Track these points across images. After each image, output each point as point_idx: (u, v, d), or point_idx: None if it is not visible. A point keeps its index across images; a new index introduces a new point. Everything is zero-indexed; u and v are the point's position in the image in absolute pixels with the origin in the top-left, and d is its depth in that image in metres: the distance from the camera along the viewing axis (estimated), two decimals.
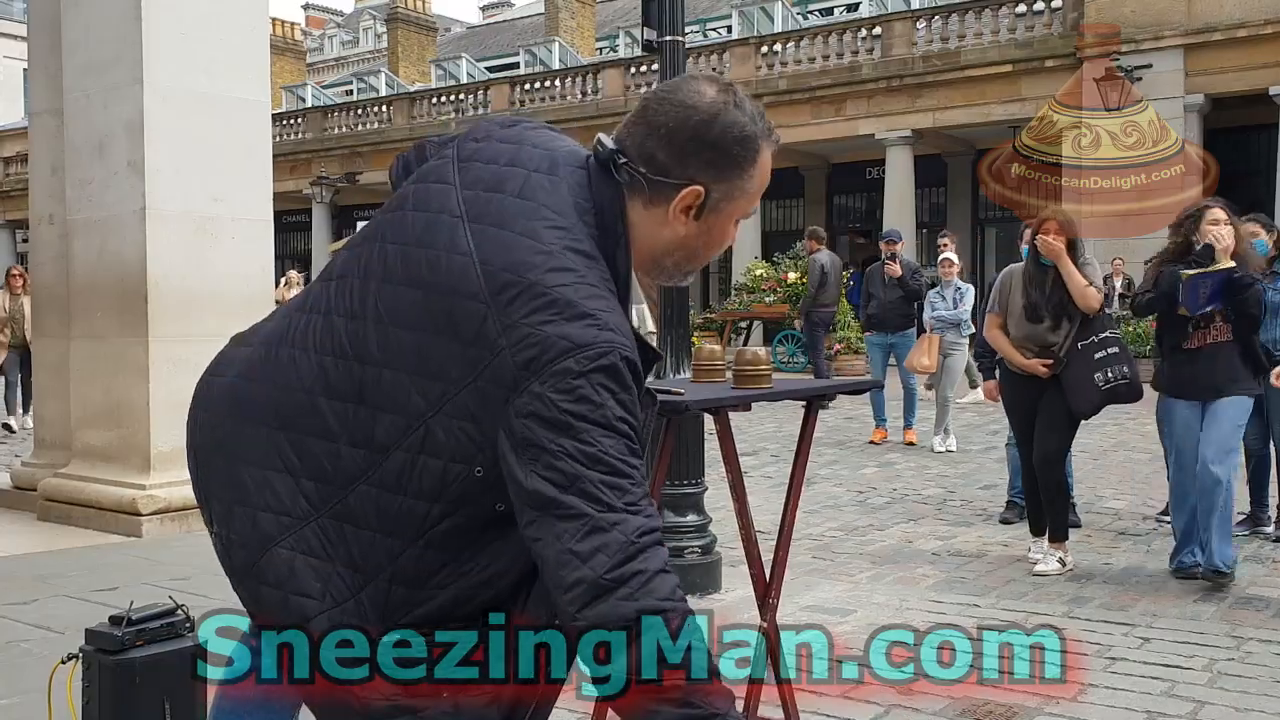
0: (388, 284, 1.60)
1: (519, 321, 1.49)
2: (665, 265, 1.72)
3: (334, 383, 1.59)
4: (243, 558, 1.62)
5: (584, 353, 1.47)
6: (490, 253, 1.55)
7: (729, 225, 1.71)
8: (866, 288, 10.70)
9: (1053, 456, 5.49)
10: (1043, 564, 5.46)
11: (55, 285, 6.86)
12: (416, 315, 1.55)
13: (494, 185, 1.63)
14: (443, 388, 1.52)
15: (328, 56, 55.21)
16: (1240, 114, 19.60)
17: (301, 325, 1.66)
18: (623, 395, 1.49)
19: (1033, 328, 5.49)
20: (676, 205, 1.64)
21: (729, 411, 2.90)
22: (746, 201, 1.69)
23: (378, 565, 1.55)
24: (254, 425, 1.63)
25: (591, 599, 1.41)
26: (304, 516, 1.58)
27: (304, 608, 1.56)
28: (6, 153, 39.11)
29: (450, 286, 1.54)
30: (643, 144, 1.63)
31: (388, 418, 1.55)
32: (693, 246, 1.70)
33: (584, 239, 1.59)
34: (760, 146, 1.66)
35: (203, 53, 6.29)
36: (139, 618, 2.79)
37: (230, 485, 1.64)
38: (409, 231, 1.63)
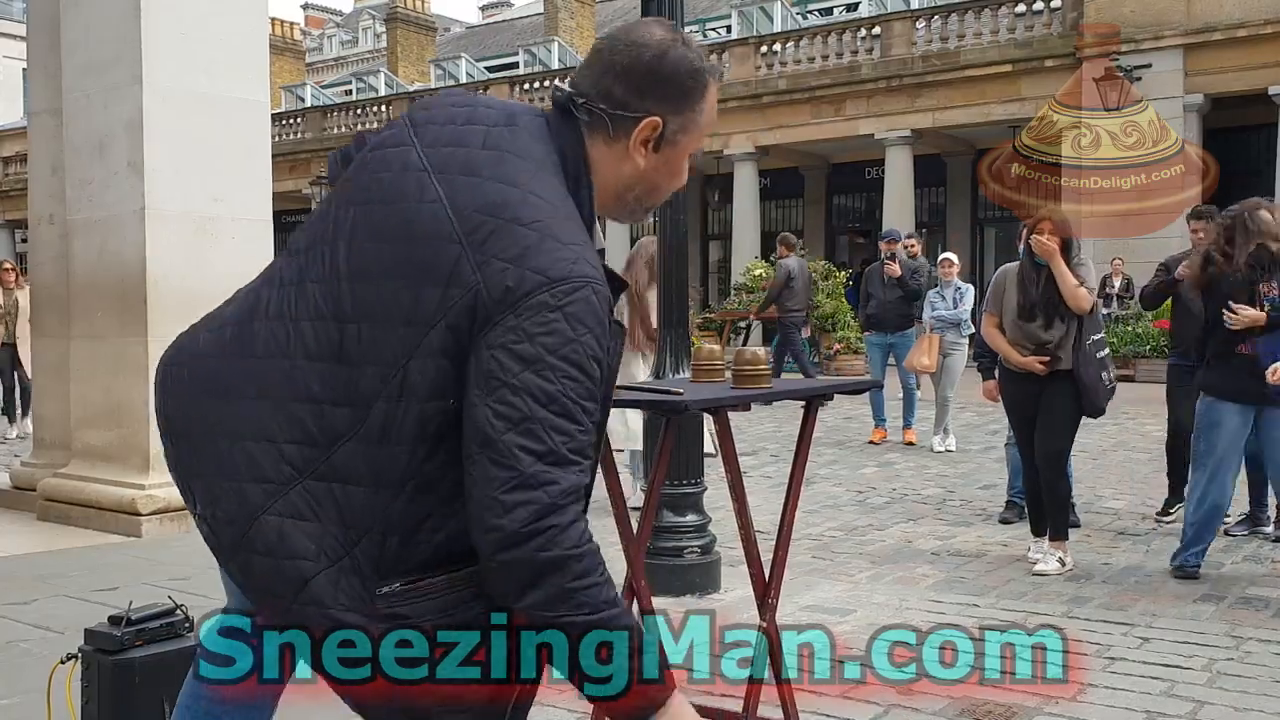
0: (360, 243, 1.63)
1: (493, 258, 1.54)
2: (627, 200, 1.79)
3: (313, 345, 1.61)
4: (230, 533, 1.62)
5: (559, 286, 1.53)
6: (461, 197, 1.60)
7: (684, 159, 1.78)
8: (865, 288, 10.70)
9: (1057, 455, 5.50)
10: (1043, 563, 5.46)
11: (55, 285, 6.86)
12: (391, 266, 1.59)
13: (455, 141, 1.68)
14: (418, 330, 1.55)
15: (327, 56, 55.21)
16: (1240, 114, 19.60)
17: (275, 298, 1.68)
18: (597, 331, 1.55)
19: (1026, 326, 5.49)
20: (636, 138, 1.71)
21: (728, 411, 2.90)
22: (698, 135, 1.77)
23: (369, 519, 1.57)
24: (230, 401, 1.65)
25: (507, 546, 1.48)
26: (288, 481, 1.58)
27: (300, 570, 1.56)
28: (6, 152, 39.09)
29: (423, 233, 1.59)
30: (599, 82, 1.72)
31: (369, 369, 1.57)
32: (653, 180, 1.77)
33: (551, 179, 1.65)
34: (708, 81, 1.75)
35: (202, 53, 6.29)
36: (138, 618, 2.79)
37: (211, 463, 1.64)
38: (374, 193, 1.67)
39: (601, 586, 1.52)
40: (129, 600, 2.92)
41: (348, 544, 1.56)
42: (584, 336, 1.53)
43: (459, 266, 1.55)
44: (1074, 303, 5.36)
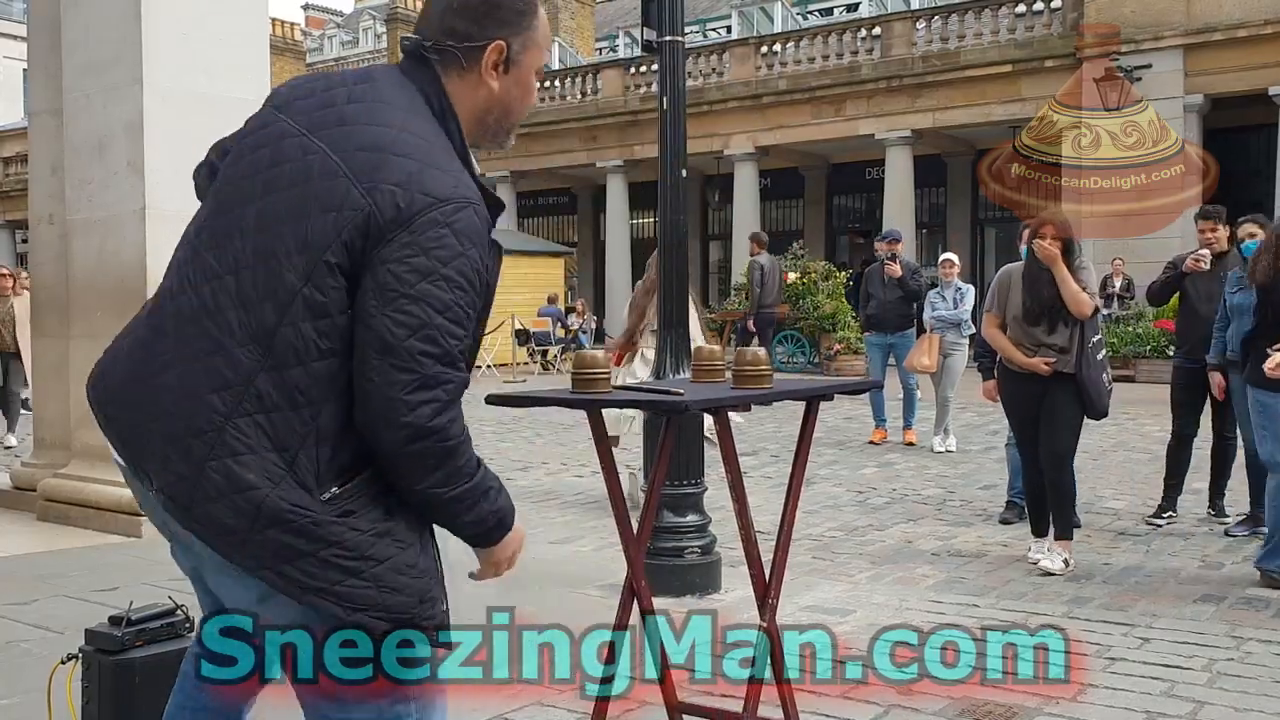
0: (250, 205, 1.78)
1: (380, 184, 1.71)
2: (488, 124, 1.96)
3: (211, 302, 1.75)
4: (185, 490, 1.72)
5: (446, 205, 1.72)
6: (340, 144, 1.77)
7: (531, 75, 1.97)
8: (865, 288, 10.69)
9: (1064, 455, 5.50)
10: (1047, 561, 5.46)
11: (55, 285, 6.86)
12: (283, 212, 1.75)
13: (321, 106, 1.85)
14: (310, 255, 1.71)
15: (327, 57, 55.18)
16: (1240, 114, 19.59)
17: (175, 285, 1.82)
18: (480, 247, 1.75)
19: (1030, 328, 5.49)
20: (486, 63, 1.90)
21: (729, 412, 2.90)
22: (538, 51, 1.96)
23: (297, 439, 1.71)
24: (156, 379, 1.77)
25: (415, 439, 1.68)
26: (219, 427, 1.70)
27: (253, 499, 1.68)
28: (6, 153, 39.08)
29: (311, 176, 1.75)
30: (440, 23, 1.90)
31: (267, 304, 1.71)
32: (506, 101, 1.95)
33: (419, 118, 1.83)
34: (535, 3, 1.96)
35: (202, 53, 6.28)
36: (139, 618, 2.79)
37: (157, 440, 1.76)
38: (257, 166, 1.82)
39: (472, 457, 1.76)
40: (129, 600, 2.92)
41: (285, 464, 1.69)
42: (470, 251, 1.72)
43: (349, 194, 1.71)
44: (1076, 308, 5.37)
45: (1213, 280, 6.62)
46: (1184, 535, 6.39)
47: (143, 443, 1.79)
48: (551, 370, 21.23)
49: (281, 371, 1.70)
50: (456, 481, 1.75)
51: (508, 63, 1.92)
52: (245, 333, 1.72)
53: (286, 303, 1.71)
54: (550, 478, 8.76)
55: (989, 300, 5.81)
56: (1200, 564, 5.72)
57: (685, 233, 5.09)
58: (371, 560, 1.72)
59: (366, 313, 1.68)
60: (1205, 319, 6.57)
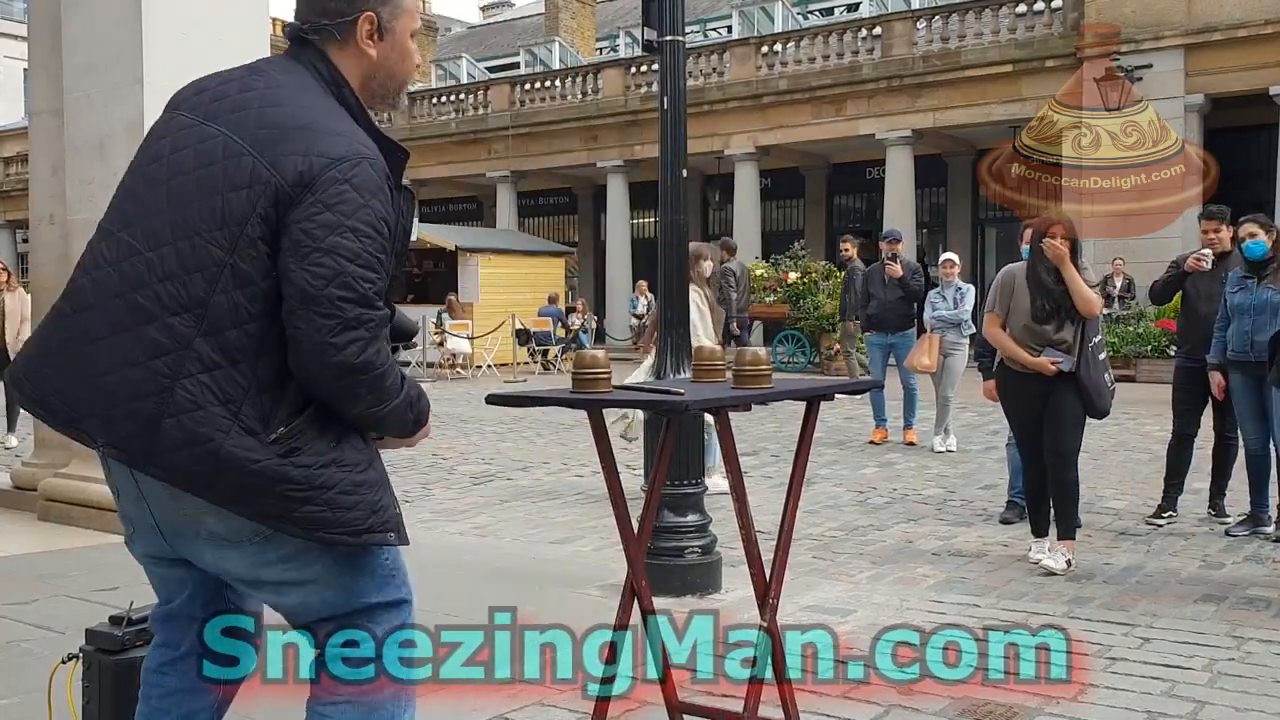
0: (158, 188, 1.96)
1: (281, 156, 1.90)
2: (373, 88, 2.13)
3: (136, 277, 1.91)
4: (140, 444, 1.90)
5: (341, 164, 1.89)
6: (239, 126, 1.95)
7: (407, 40, 2.14)
8: (866, 288, 10.69)
9: (1068, 455, 5.50)
10: (1050, 560, 5.46)
11: (56, 285, 6.82)
12: (194, 191, 1.93)
13: (215, 98, 2.03)
14: (231, 231, 1.89)
15: None
16: (1240, 114, 19.60)
17: (89, 262, 1.98)
18: (381, 196, 1.92)
19: (1039, 327, 5.49)
20: (360, 34, 2.07)
21: (729, 412, 2.90)
22: (409, 16, 2.13)
23: (240, 390, 1.89)
24: (88, 347, 1.92)
25: (346, 374, 1.88)
26: (167, 389, 1.88)
27: (210, 448, 1.87)
28: (7, 153, 39.09)
29: (215, 158, 1.93)
30: (312, 8, 2.08)
31: (196, 276, 1.89)
32: (387, 65, 2.12)
33: (310, 92, 2.01)
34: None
35: (203, 53, 6.27)
36: (139, 617, 2.79)
37: (96, 402, 1.92)
38: (159, 154, 2.01)
39: (398, 376, 1.97)
40: (130, 600, 2.91)
41: (232, 415, 1.88)
42: (371, 202, 1.90)
43: (255, 171, 1.90)
44: (1086, 308, 5.38)
45: (1214, 280, 6.62)
46: (1184, 535, 6.39)
47: (77, 406, 1.94)
48: (552, 370, 21.23)
49: (218, 335, 1.89)
50: (387, 401, 1.95)
51: (381, 30, 2.09)
52: (176, 303, 1.89)
53: (215, 275, 1.89)
54: (551, 477, 8.76)
55: (990, 300, 5.80)
56: (1201, 564, 5.72)
57: (685, 233, 5.09)
58: (322, 489, 1.92)
59: (287, 269, 1.87)
60: (1206, 319, 6.57)
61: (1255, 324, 6.11)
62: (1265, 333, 6.06)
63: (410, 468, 8.97)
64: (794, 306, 19.92)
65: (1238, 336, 6.21)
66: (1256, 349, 6.09)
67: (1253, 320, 6.13)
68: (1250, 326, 6.14)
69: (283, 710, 3.37)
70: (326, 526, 1.93)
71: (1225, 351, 6.30)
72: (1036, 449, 5.60)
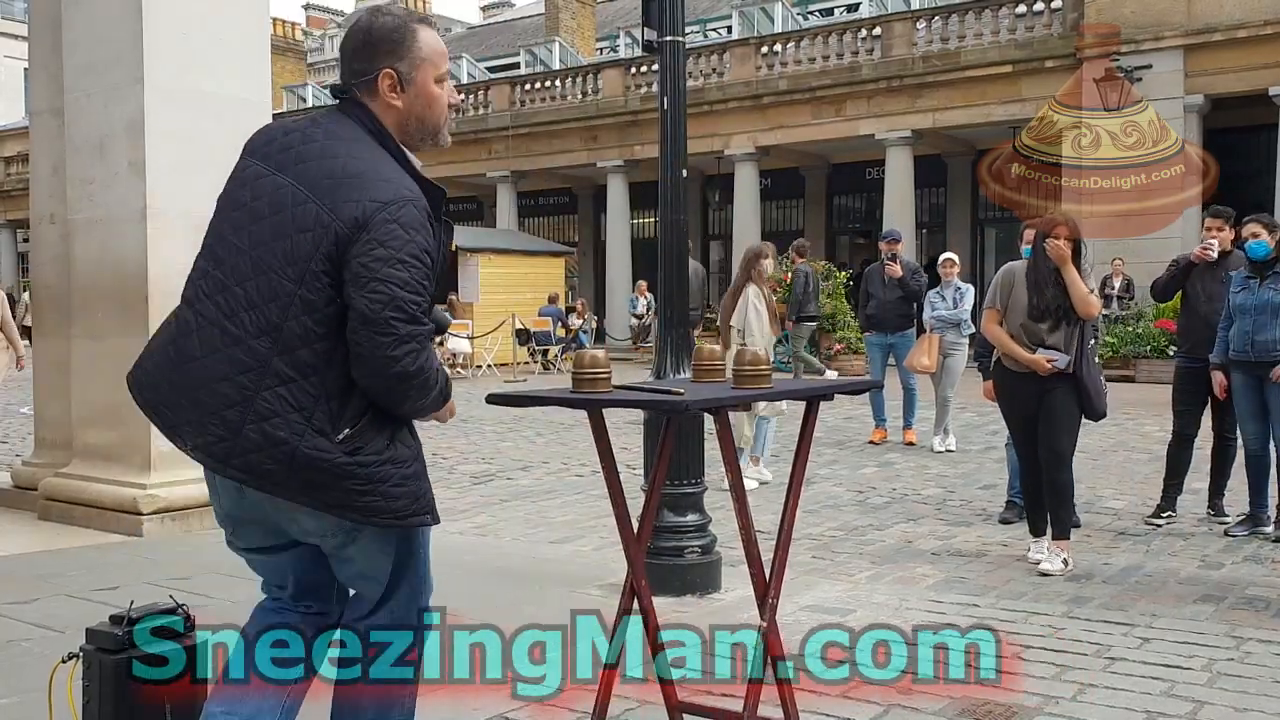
0: (242, 231, 2.32)
1: (339, 203, 2.24)
2: (410, 131, 2.43)
3: (227, 307, 2.28)
4: (224, 447, 2.25)
5: (390, 207, 2.23)
6: (304, 177, 2.30)
7: (430, 88, 2.41)
8: (865, 288, 10.69)
9: (1063, 455, 5.51)
10: (1047, 562, 5.46)
11: (56, 285, 6.87)
12: (269, 234, 2.28)
13: (281, 149, 2.37)
14: (299, 266, 2.24)
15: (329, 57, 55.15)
16: (1240, 114, 19.59)
17: (193, 295, 2.36)
18: (423, 232, 2.26)
19: (1033, 326, 5.49)
20: (383, 89, 2.38)
21: (729, 411, 2.90)
22: (431, 66, 2.40)
23: (311, 399, 2.24)
24: (186, 366, 2.30)
25: (404, 380, 2.23)
26: (249, 400, 2.23)
27: (287, 450, 2.22)
28: (7, 152, 39.09)
29: (285, 205, 2.29)
30: (346, 67, 2.42)
31: (271, 305, 2.25)
32: (416, 113, 2.42)
33: (360, 143, 2.34)
34: (412, 28, 2.40)
35: (203, 52, 6.29)
36: (139, 617, 2.79)
37: (191, 410, 2.29)
38: (240, 202, 2.36)
39: (438, 374, 2.31)
40: (130, 600, 2.92)
41: (305, 420, 2.23)
42: (416, 237, 2.24)
43: (318, 216, 2.25)
44: (1084, 309, 5.39)
45: (1215, 280, 6.63)
46: (1184, 535, 6.39)
47: (177, 414, 2.32)
48: (552, 370, 21.23)
49: (291, 354, 2.23)
50: (428, 395, 2.31)
51: (401, 83, 2.38)
52: (257, 328, 2.25)
53: (287, 304, 2.24)
54: (551, 477, 8.77)
55: (990, 297, 5.81)
56: (1200, 564, 5.72)
57: (686, 233, 5.10)
58: (379, 483, 2.28)
59: (350, 297, 2.21)
60: (1207, 318, 6.58)
61: (1256, 324, 6.12)
62: (1266, 333, 6.07)
63: None
64: None
65: (1239, 336, 6.22)
66: (1258, 349, 6.11)
67: (1254, 320, 6.14)
68: (1251, 326, 6.14)
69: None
70: (380, 514, 2.29)
71: (1228, 351, 6.31)
72: (1033, 448, 5.60)
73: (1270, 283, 6.15)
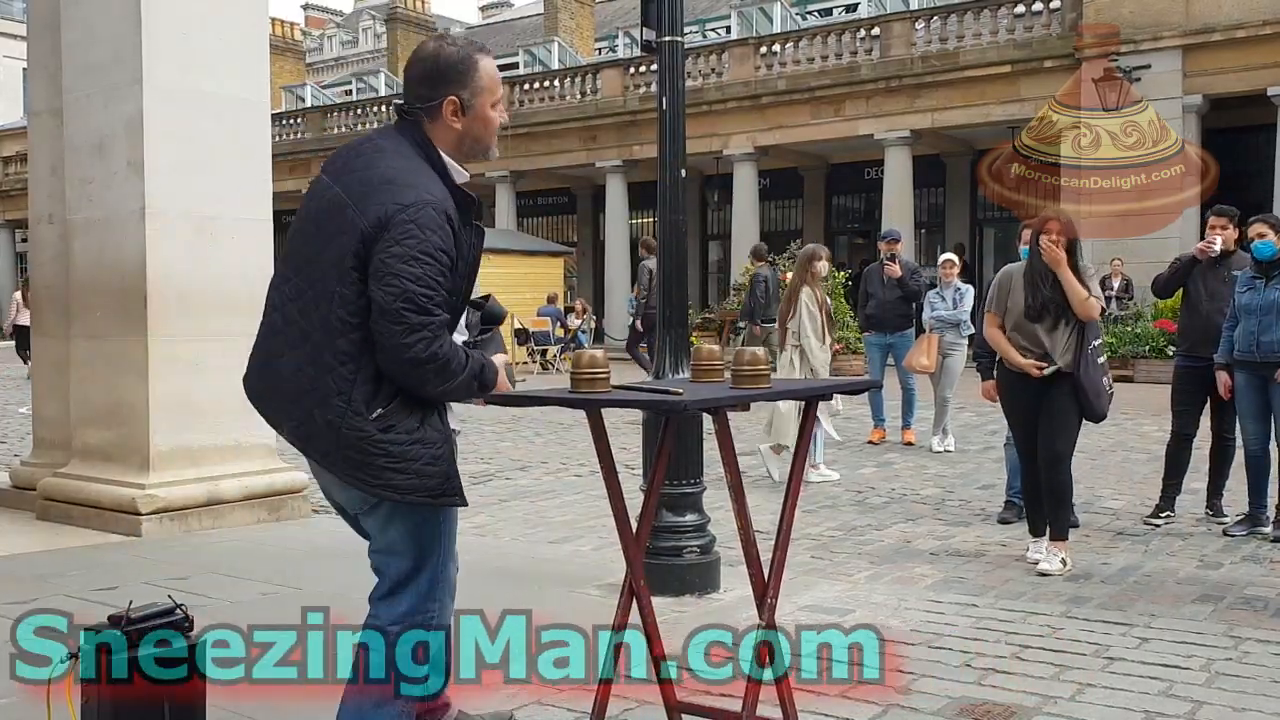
0: (310, 241, 2.62)
1: (369, 206, 2.51)
2: (465, 150, 2.70)
3: (299, 308, 2.59)
4: (304, 433, 2.59)
5: (409, 209, 2.48)
6: (347, 185, 2.59)
7: (487, 113, 2.68)
8: (865, 288, 10.69)
9: (1062, 456, 5.51)
10: (1045, 563, 5.47)
11: (55, 285, 6.86)
12: (321, 238, 2.58)
13: (343, 160, 2.69)
14: (340, 266, 2.52)
15: (327, 57, 55.18)
16: (1239, 114, 19.60)
17: (274, 302, 2.68)
18: (440, 232, 2.49)
19: (1030, 327, 5.49)
20: (446, 113, 2.65)
21: (728, 411, 2.90)
22: (489, 94, 2.67)
23: (348, 384, 2.52)
24: (275, 364, 2.63)
25: (418, 364, 2.47)
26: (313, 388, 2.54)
27: (332, 430, 2.53)
28: (6, 152, 39.09)
29: (333, 211, 2.58)
30: (411, 91, 2.69)
31: (323, 302, 2.54)
32: (472, 134, 2.69)
33: (403, 157, 2.60)
34: (475, 58, 2.66)
35: (202, 53, 6.29)
36: (138, 617, 2.79)
37: (282, 401, 2.63)
38: (308, 213, 2.67)
39: (461, 359, 2.53)
40: (129, 600, 2.92)
41: (345, 403, 2.52)
42: (431, 236, 2.48)
43: (352, 219, 2.52)
44: (1083, 311, 5.39)
45: (1217, 279, 6.63)
46: (1182, 535, 6.40)
47: (274, 407, 2.64)
48: (551, 370, 21.24)
49: (334, 344, 2.51)
50: (452, 379, 2.52)
51: (463, 109, 2.65)
52: (313, 323, 2.55)
53: (330, 300, 2.52)
54: (550, 477, 8.77)
55: (989, 300, 5.81)
56: (1199, 564, 5.72)
57: (685, 233, 5.10)
58: (411, 461, 2.53)
59: (371, 290, 2.47)
60: (1208, 317, 6.58)
61: (1261, 324, 6.13)
62: (1271, 333, 6.08)
63: None
64: None
65: (1244, 336, 6.22)
66: (1262, 349, 6.11)
67: (1259, 320, 6.14)
68: (1256, 327, 6.15)
69: (283, 710, 3.38)
70: (415, 491, 2.54)
71: (1232, 351, 6.31)
72: (1034, 448, 5.60)
73: (1276, 283, 6.15)
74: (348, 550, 5.83)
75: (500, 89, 2.69)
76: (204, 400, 6.22)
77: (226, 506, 6.33)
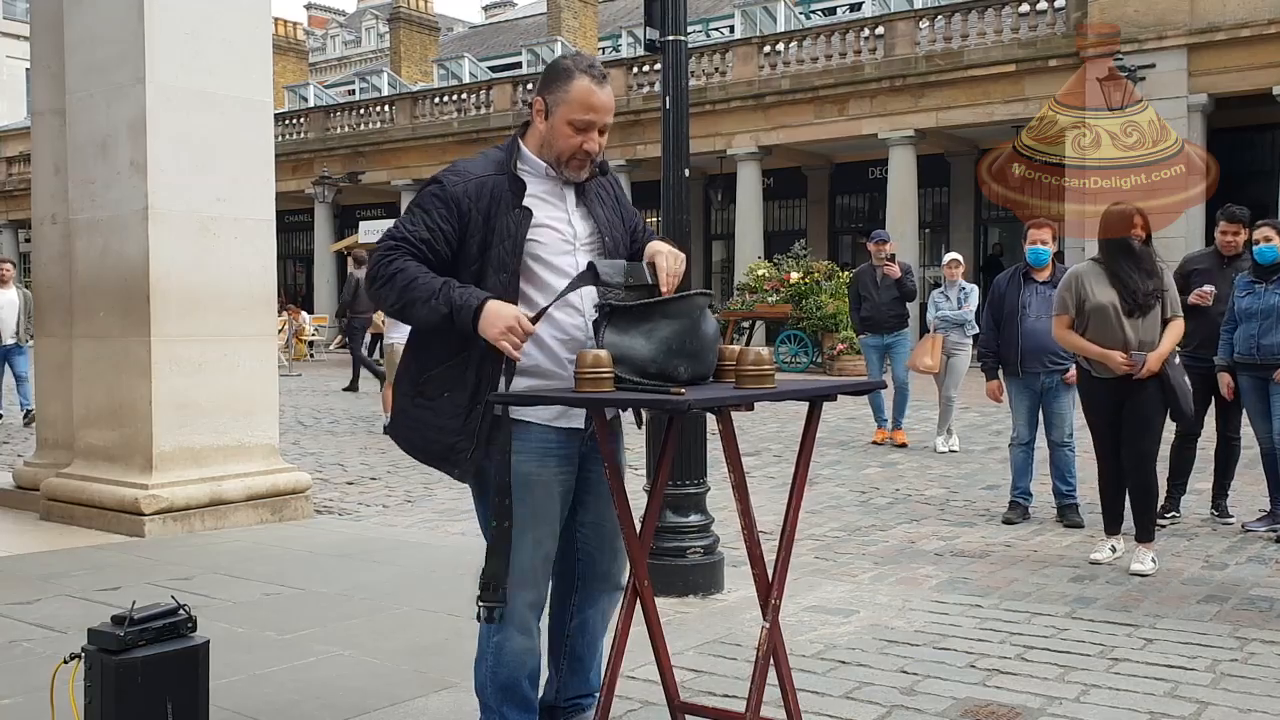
0: None
1: None
2: (545, 154, 2.86)
3: None
4: None
5: (434, 180, 2.84)
6: None
7: (563, 125, 2.81)
8: (856, 290, 10.61)
9: (1147, 456, 5.52)
10: (1138, 563, 5.46)
11: (58, 285, 6.86)
12: None
13: None
14: None
15: (330, 56, 55.24)
16: (1244, 114, 19.57)
17: None
18: (441, 192, 2.80)
19: (1112, 325, 5.49)
20: (535, 112, 2.88)
21: (732, 411, 2.89)
22: (568, 108, 2.80)
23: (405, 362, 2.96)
24: None
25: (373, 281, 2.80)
26: None
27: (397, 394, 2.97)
28: (9, 152, 39.14)
29: None
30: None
31: None
32: (550, 139, 2.85)
33: (496, 149, 2.92)
34: (574, 73, 2.80)
35: (205, 52, 6.29)
36: (141, 617, 2.79)
37: None
38: None
39: (418, 278, 2.72)
40: (132, 600, 2.91)
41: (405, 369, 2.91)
42: (431, 189, 2.83)
43: None
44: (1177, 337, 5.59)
45: (1224, 281, 6.61)
46: (1187, 536, 6.38)
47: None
48: None
49: None
50: (404, 298, 2.74)
51: (547, 111, 2.83)
52: None
53: None
54: None
55: (1058, 303, 5.75)
56: (1204, 564, 5.71)
57: (688, 232, 5.09)
58: (421, 425, 2.85)
59: None
60: (1212, 318, 6.56)
61: (1262, 328, 6.13)
62: (1270, 336, 6.06)
63: (413, 468, 8.96)
64: (796, 306, 19.90)
65: (1244, 340, 6.21)
66: (1263, 352, 6.11)
67: (1259, 324, 6.14)
68: (1257, 330, 6.14)
69: (283, 710, 3.37)
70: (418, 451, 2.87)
71: (1233, 353, 6.30)
72: (1114, 448, 5.61)
73: (1276, 287, 6.14)
74: (351, 551, 5.85)
75: (590, 115, 2.79)
76: (206, 400, 6.22)
77: (229, 507, 6.33)
